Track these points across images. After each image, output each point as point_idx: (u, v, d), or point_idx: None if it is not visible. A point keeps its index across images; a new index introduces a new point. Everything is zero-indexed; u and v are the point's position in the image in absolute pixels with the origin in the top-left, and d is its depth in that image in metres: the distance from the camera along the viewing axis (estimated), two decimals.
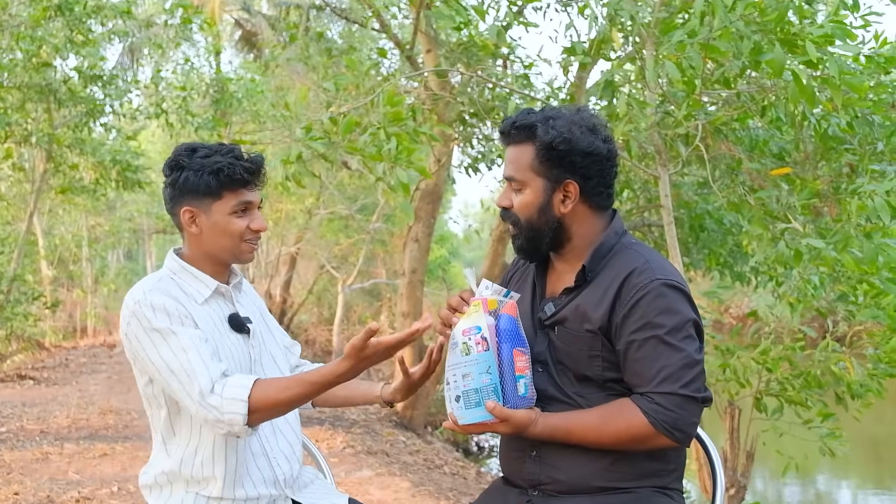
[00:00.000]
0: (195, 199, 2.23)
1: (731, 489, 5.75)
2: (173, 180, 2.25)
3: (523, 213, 2.11)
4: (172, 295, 2.20)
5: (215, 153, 2.22)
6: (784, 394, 5.41)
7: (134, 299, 2.19)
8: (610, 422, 2.00)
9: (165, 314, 2.16)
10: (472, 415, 1.98)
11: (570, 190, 2.09)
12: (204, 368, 2.10)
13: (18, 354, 14.63)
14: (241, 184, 2.23)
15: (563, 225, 2.11)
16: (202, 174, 2.20)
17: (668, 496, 2.07)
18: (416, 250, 9.17)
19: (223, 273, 2.34)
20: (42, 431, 7.91)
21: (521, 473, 2.12)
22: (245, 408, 2.06)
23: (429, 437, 9.88)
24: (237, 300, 2.36)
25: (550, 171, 2.08)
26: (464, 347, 2.00)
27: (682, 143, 5.43)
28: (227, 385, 2.09)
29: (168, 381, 2.14)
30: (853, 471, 12.00)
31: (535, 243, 2.13)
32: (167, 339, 2.14)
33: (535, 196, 2.10)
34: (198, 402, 2.10)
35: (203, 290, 2.28)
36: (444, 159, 8.69)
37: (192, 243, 2.31)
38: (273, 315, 2.63)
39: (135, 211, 23.15)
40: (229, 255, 2.29)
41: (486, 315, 2.01)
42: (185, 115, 13.29)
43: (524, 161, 2.10)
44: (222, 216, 2.23)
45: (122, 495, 5.67)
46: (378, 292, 20.29)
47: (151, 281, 2.26)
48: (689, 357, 1.98)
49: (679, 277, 2.07)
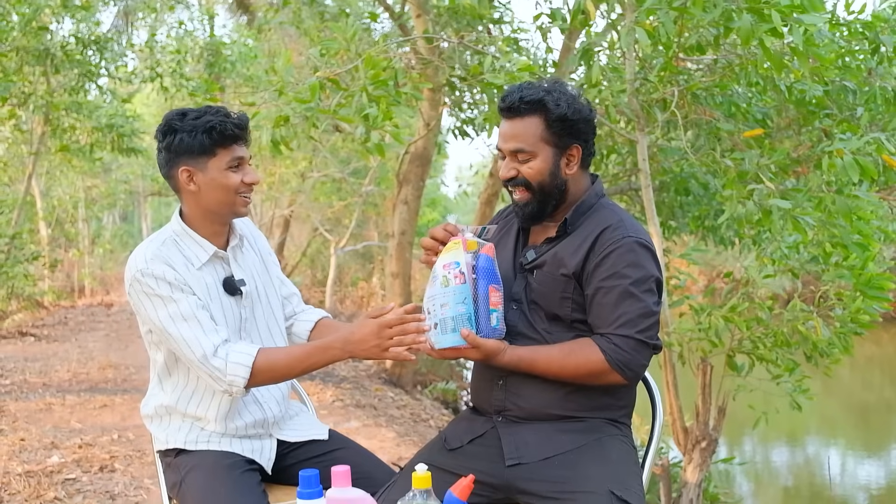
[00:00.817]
0: (191, 158, 2.37)
1: (703, 442, 5.90)
2: (168, 144, 2.38)
3: (536, 179, 2.32)
4: (171, 262, 2.37)
5: (205, 114, 2.37)
6: (755, 352, 5.60)
7: (137, 267, 2.36)
8: (571, 356, 2.24)
9: (166, 283, 2.34)
10: (447, 340, 2.21)
11: (574, 153, 2.33)
12: (204, 336, 2.31)
13: (19, 313, 14.87)
14: (232, 140, 2.38)
15: (567, 186, 2.35)
16: (196, 134, 2.34)
17: (618, 427, 2.32)
18: (406, 212, 9.38)
19: (222, 233, 2.50)
20: (44, 384, 8.19)
21: (489, 400, 2.36)
22: (248, 372, 2.30)
23: (417, 395, 10.11)
24: (237, 260, 2.53)
25: (560, 140, 2.31)
26: (443, 280, 2.23)
27: (659, 109, 5.65)
28: (232, 351, 2.31)
29: (168, 341, 2.36)
30: (841, 435, 12.19)
31: (544, 206, 2.35)
32: (167, 306, 2.33)
33: (546, 163, 2.31)
34: (199, 363, 2.32)
35: (201, 254, 2.45)
36: (432, 123, 8.87)
37: (190, 202, 2.45)
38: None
39: (130, 173, 23.32)
40: (227, 210, 2.43)
41: (464, 252, 2.24)
42: (179, 79, 13.44)
43: (534, 132, 2.31)
44: (218, 172, 2.37)
45: (122, 442, 5.95)
46: (370, 255, 20.48)
47: (154, 246, 2.42)
48: (648, 308, 2.24)
49: (647, 237, 2.32)
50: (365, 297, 18.49)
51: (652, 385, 2.51)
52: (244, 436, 2.48)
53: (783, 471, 10.65)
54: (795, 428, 12.08)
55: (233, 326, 2.47)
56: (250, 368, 2.30)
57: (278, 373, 2.35)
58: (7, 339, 11.77)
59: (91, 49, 11.69)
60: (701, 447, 5.84)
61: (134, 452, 5.67)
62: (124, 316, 15.17)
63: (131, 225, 34.90)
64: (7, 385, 8.12)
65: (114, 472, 5.24)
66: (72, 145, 13.32)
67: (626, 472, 2.20)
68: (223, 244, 2.51)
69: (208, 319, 2.35)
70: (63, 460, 5.38)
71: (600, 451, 2.23)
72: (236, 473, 2.35)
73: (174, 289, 2.34)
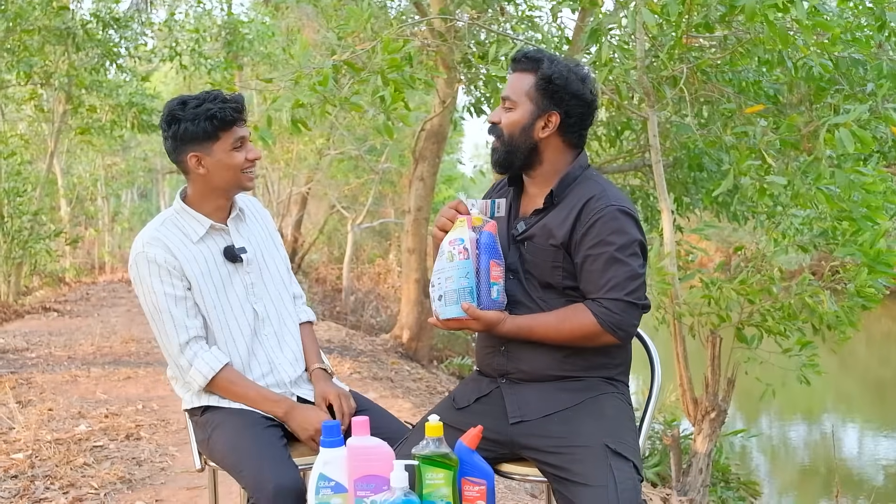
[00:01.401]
0: (197, 144, 2.57)
1: (713, 412, 6.01)
2: (173, 133, 2.58)
3: (508, 129, 2.48)
4: (168, 243, 2.59)
5: (204, 101, 2.56)
6: (764, 324, 5.69)
7: (136, 249, 2.61)
8: (566, 322, 2.38)
9: (157, 266, 2.56)
10: (450, 311, 2.36)
11: (552, 120, 2.46)
12: (174, 331, 2.57)
13: (41, 289, 15.15)
14: (232, 123, 2.58)
15: (538, 148, 2.48)
16: (199, 122, 2.54)
17: (614, 385, 2.46)
18: (422, 189, 9.52)
19: (224, 208, 2.70)
20: (69, 357, 8.41)
21: (493, 365, 2.51)
22: (205, 381, 2.58)
23: (433, 369, 10.29)
24: (237, 231, 2.73)
25: (542, 100, 2.45)
26: (448, 255, 2.38)
27: (669, 86, 5.75)
28: (199, 357, 2.57)
29: (150, 325, 2.63)
30: (858, 412, 12.30)
31: (511, 157, 2.50)
32: (150, 294, 2.58)
33: (522, 117, 2.46)
34: (171, 354, 2.60)
35: (199, 229, 2.65)
36: (448, 100, 8.99)
37: (198, 183, 2.65)
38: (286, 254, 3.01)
39: (149, 151, 23.53)
40: (234, 186, 2.65)
41: (469, 230, 2.38)
42: (198, 58, 13.59)
43: (522, 86, 2.47)
44: (224, 153, 2.58)
45: (147, 412, 6.15)
46: (387, 231, 20.64)
47: (152, 227, 2.64)
48: (634, 271, 2.37)
49: (629, 204, 2.44)
50: (381, 274, 18.65)
51: (649, 344, 2.65)
52: None
53: (796, 447, 10.74)
54: (812, 404, 12.18)
55: (239, 292, 2.67)
56: (208, 379, 2.58)
57: (230, 395, 2.61)
58: (31, 314, 12.04)
59: (112, 28, 11.85)
60: (710, 418, 5.95)
61: (158, 422, 5.86)
62: None
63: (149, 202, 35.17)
64: (33, 358, 8.35)
65: (139, 439, 5.43)
66: (93, 125, 13.52)
67: (620, 426, 2.35)
68: (224, 217, 2.71)
69: (182, 314, 2.58)
70: (90, 429, 5.57)
71: (596, 408, 2.37)
72: (260, 428, 2.52)
73: (162, 273, 2.57)
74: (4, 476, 4.59)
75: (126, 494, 4.42)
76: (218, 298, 2.63)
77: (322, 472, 1.98)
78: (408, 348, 9.83)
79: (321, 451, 2.01)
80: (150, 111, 13.12)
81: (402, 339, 9.82)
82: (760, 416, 11.44)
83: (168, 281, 2.57)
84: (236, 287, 2.67)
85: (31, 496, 4.29)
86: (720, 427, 6.11)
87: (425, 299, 9.71)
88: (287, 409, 2.57)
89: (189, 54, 13.54)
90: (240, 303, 2.66)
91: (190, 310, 2.59)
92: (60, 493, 4.35)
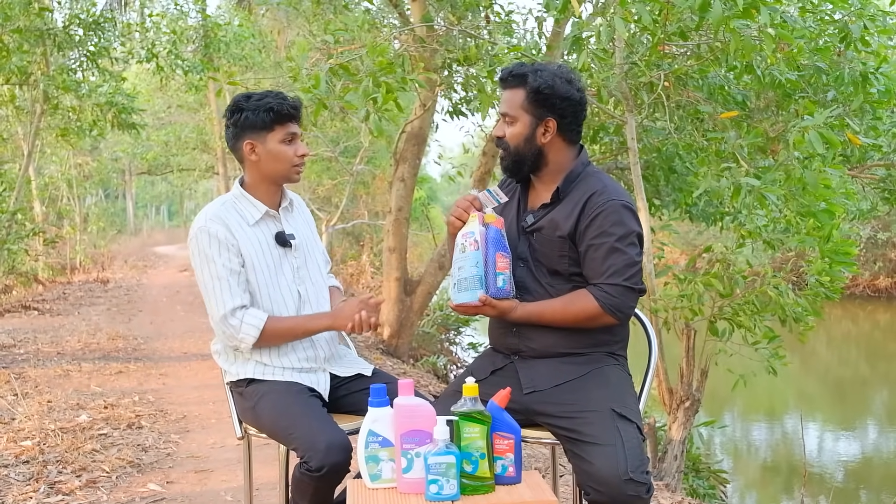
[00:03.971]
0: (253, 132, 2.87)
1: (687, 402, 6.30)
2: (235, 121, 2.89)
3: (513, 141, 2.76)
4: (227, 222, 2.87)
5: (266, 96, 2.89)
6: (735, 318, 6.00)
7: (197, 224, 2.87)
8: (570, 306, 2.67)
9: (217, 241, 2.83)
10: (462, 297, 2.66)
11: (550, 125, 2.73)
12: (229, 297, 2.81)
13: (15, 289, 15.19)
14: (287, 118, 2.89)
15: (543, 152, 2.76)
16: (258, 112, 2.85)
17: (615, 359, 2.76)
18: (402, 189, 9.76)
19: (276, 196, 2.99)
20: (58, 353, 8.58)
21: (505, 344, 2.80)
22: (258, 333, 2.82)
23: (413, 366, 10.54)
24: (286, 220, 3.01)
25: (536, 110, 2.72)
26: (461, 247, 2.68)
27: (646, 92, 6.07)
28: (248, 315, 2.81)
29: (203, 293, 2.88)
30: (819, 410, 12.57)
31: (519, 165, 2.78)
32: (208, 265, 2.84)
33: (523, 128, 2.74)
34: (219, 320, 2.83)
35: (255, 213, 2.94)
36: (429, 104, 9.25)
37: (252, 170, 2.94)
38: None
39: (121, 151, 23.55)
40: (282, 177, 2.94)
41: (479, 225, 2.68)
42: (174, 60, 13.74)
43: (516, 101, 2.74)
44: (275, 144, 2.87)
45: (144, 403, 6.36)
46: (359, 233, 20.83)
47: (215, 206, 2.92)
48: (631, 259, 2.66)
49: (628, 198, 2.73)
50: (355, 275, 18.83)
51: (646, 322, 2.97)
52: (301, 369, 2.93)
53: (761, 443, 11.04)
54: (774, 403, 12.54)
55: (287, 274, 2.95)
56: (260, 330, 2.82)
57: (281, 338, 2.87)
58: (11, 312, 12.13)
59: (92, 31, 11.97)
60: (685, 406, 6.24)
61: (157, 412, 6.08)
62: (121, 292, 15.54)
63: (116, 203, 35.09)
64: (23, 354, 8.51)
65: (141, 428, 5.64)
66: (72, 125, 13.60)
67: (623, 392, 2.65)
68: (275, 205, 3.00)
69: (236, 285, 2.84)
70: (92, 418, 5.77)
71: (601, 377, 2.67)
72: (304, 397, 2.80)
73: (221, 248, 2.83)
74: (16, 461, 4.78)
75: (137, 477, 4.65)
76: (268, 278, 2.90)
77: (371, 429, 2.26)
78: (389, 345, 10.06)
79: (369, 411, 2.28)
80: (128, 110, 13.23)
81: (383, 335, 10.05)
82: (725, 412, 11.76)
83: (226, 255, 2.84)
84: (285, 270, 2.95)
85: (46, 479, 4.49)
86: (693, 416, 6.40)
87: (406, 297, 9.95)
88: (331, 316, 2.90)
89: (165, 56, 13.67)
90: (287, 284, 2.94)
91: (241, 283, 2.86)
92: (74, 477, 4.56)
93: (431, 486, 2.13)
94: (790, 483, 9.13)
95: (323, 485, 2.56)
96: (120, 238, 29.56)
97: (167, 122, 23.01)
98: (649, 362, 2.91)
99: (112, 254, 24.13)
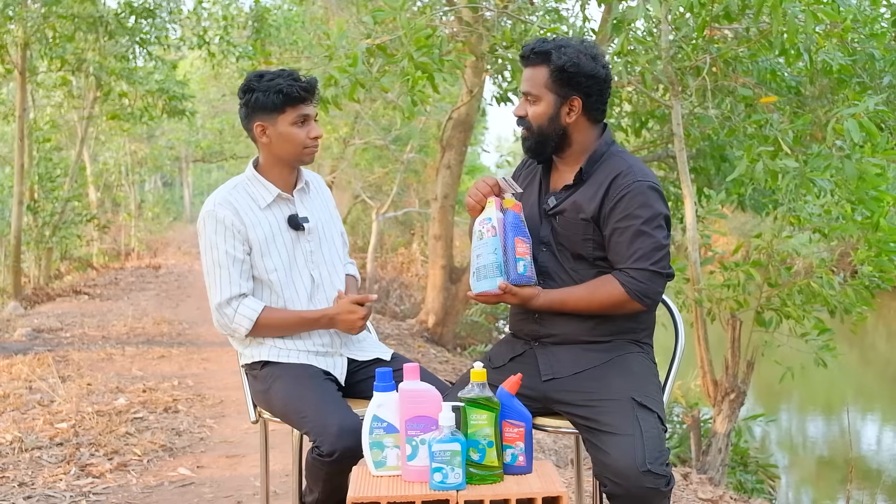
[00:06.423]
0: (264, 114, 2.79)
1: (732, 394, 6.14)
2: (246, 101, 2.81)
3: (536, 121, 2.63)
4: (237, 206, 2.81)
5: (277, 77, 2.79)
6: (783, 309, 5.83)
7: (206, 208, 2.82)
8: (596, 293, 2.56)
9: (223, 226, 2.78)
10: (482, 285, 2.55)
11: (575, 105, 2.61)
12: (227, 286, 2.77)
13: (69, 274, 15.43)
14: (299, 100, 2.79)
15: (567, 132, 2.64)
16: (269, 94, 2.75)
17: (640, 347, 2.63)
18: (448, 177, 9.69)
19: (289, 178, 2.91)
20: (103, 337, 8.66)
21: (526, 330, 2.69)
22: (251, 324, 2.78)
23: (458, 355, 10.48)
24: (301, 202, 2.93)
25: (561, 89, 2.60)
26: (478, 234, 2.58)
27: (692, 76, 5.90)
28: (243, 304, 2.77)
29: (204, 277, 2.85)
30: (877, 405, 12.40)
31: (542, 146, 2.66)
32: (212, 250, 2.79)
33: (547, 108, 2.62)
34: (215, 307, 2.80)
35: (266, 196, 2.86)
36: (475, 90, 9.14)
37: (264, 152, 2.87)
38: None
39: (175, 139, 23.79)
40: (294, 159, 2.85)
41: (496, 210, 2.57)
42: (226, 46, 13.80)
43: (539, 80, 2.61)
44: (286, 127, 2.78)
45: (183, 388, 6.37)
46: (410, 221, 20.80)
47: (225, 190, 2.85)
48: (658, 242, 2.54)
49: (654, 179, 2.61)
50: (405, 263, 18.83)
51: (673, 310, 2.83)
52: (317, 353, 2.86)
53: (816, 438, 10.80)
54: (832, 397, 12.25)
55: (299, 258, 2.88)
56: (254, 322, 2.78)
57: (274, 330, 2.83)
58: (63, 297, 12.32)
59: (143, 18, 12.07)
60: (730, 399, 6.08)
61: (194, 396, 6.08)
62: (172, 277, 15.68)
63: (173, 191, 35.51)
64: (68, 337, 8.60)
65: (177, 412, 5.64)
66: (123, 111, 13.75)
67: (646, 382, 2.52)
68: (290, 188, 2.92)
69: (237, 274, 2.79)
70: (129, 402, 5.79)
71: (623, 366, 2.55)
72: (318, 380, 2.74)
73: (227, 234, 2.78)
74: (50, 443, 4.81)
75: (168, 461, 4.64)
76: (281, 262, 2.83)
77: (375, 414, 2.18)
78: (433, 333, 10.01)
79: (374, 395, 2.20)
80: (179, 97, 13.35)
81: (427, 323, 10.00)
82: (779, 407, 11.53)
83: (231, 242, 2.78)
84: (297, 254, 2.88)
85: (78, 462, 4.50)
86: (739, 408, 6.23)
87: (451, 285, 9.88)
88: (330, 317, 2.82)
89: (217, 43, 13.74)
90: (299, 269, 2.87)
91: (244, 272, 2.80)
92: (105, 459, 4.57)
93: (436, 474, 2.05)
94: (844, 479, 8.89)
95: (335, 470, 2.49)
96: (175, 225, 29.92)
97: (221, 111, 23.18)
98: (675, 350, 2.78)
99: (167, 240, 24.43)
